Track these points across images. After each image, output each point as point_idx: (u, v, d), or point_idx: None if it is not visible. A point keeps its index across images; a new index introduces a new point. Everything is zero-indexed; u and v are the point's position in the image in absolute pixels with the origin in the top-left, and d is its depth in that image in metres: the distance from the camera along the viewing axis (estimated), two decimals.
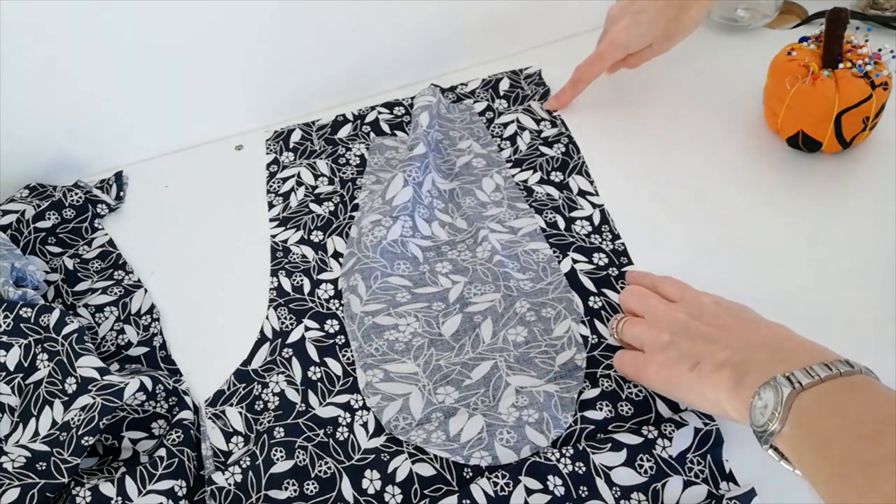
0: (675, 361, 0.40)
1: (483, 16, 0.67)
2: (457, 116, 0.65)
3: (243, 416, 0.49)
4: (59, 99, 0.61)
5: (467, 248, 0.55)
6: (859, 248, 0.52)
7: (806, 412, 0.32)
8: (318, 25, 0.64)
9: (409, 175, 0.57)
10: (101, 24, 0.58)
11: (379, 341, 0.50)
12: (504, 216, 0.56)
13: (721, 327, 0.40)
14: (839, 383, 0.32)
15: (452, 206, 0.58)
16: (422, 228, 0.56)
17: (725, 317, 0.40)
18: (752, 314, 0.41)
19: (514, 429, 0.44)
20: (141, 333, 0.54)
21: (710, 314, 0.41)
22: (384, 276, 0.53)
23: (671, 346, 0.41)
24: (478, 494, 0.42)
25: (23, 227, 0.59)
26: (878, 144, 0.58)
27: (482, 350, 0.49)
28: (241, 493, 0.44)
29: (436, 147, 0.62)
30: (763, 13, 0.69)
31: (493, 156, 0.61)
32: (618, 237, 0.55)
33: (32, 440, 0.45)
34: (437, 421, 0.46)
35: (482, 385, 0.47)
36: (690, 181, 0.58)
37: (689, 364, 0.39)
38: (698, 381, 0.38)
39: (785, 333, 0.38)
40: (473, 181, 0.59)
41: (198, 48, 0.62)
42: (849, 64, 0.54)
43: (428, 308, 0.52)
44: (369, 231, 0.55)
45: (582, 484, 0.42)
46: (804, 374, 0.32)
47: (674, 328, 0.41)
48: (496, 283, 0.52)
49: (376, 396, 0.48)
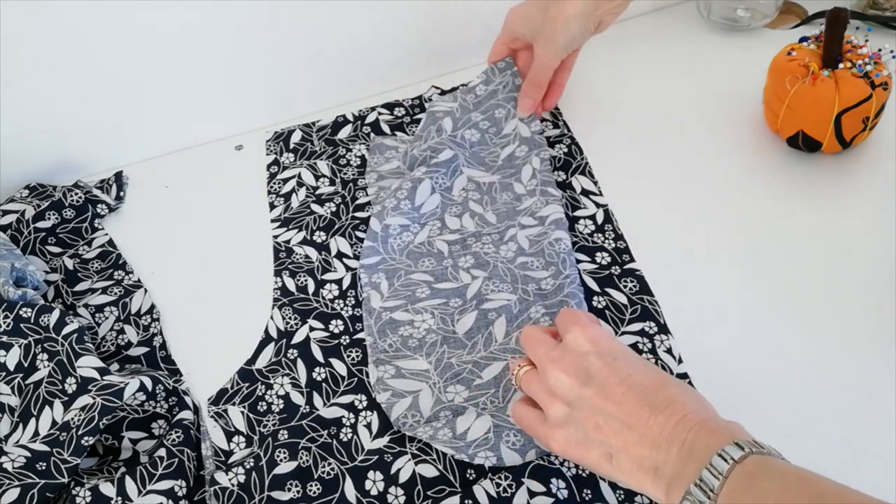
0: (583, 444, 0.39)
1: (483, 16, 0.67)
2: (498, 84, 0.62)
3: (245, 415, 0.48)
4: (59, 99, 0.61)
5: (492, 243, 0.55)
6: (859, 248, 0.52)
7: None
8: (319, 26, 0.64)
9: (436, 182, 0.57)
10: (102, 24, 0.58)
11: (393, 337, 0.50)
12: (536, 206, 0.56)
13: (618, 403, 0.39)
14: (740, 476, 0.33)
15: (488, 198, 0.58)
16: (450, 224, 0.57)
17: (615, 382, 0.39)
18: (637, 374, 0.40)
19: (520, 432, 0.44)
20: (141, 333, 0.54)
21: (600, 379, 0.40)
22: (408, 273, 0.54)
23: (571, 423, 0.40)
24: (480, 496, 0.42)
25: (23, 227, 0.59)
26: (878, 144, 0.58)
27: (494, 349, 0.49)
28: (244, 494, 0.44)
29: (480, 140, 0.61)
30: (763, 13, 0.69)
31: (537, 138, 0.60)
32: (620, 237, 0.55)
33: (32, 440, 0.45)
34: (445, 419, 0.46)
35: (492, 385, 0.47)
36: (691, 181, 0.58)
37: (602, 453, 0.39)
38: (619, 474, 0.38)
39: (676, 412, 0.37)
40: (513, 173, 0.59)
41: (198, 48, 0.62)
42: (849, 64, 0.54)
43: (445, 304, 0.52)
44: (398, 234, 0.55)
45: (585, 487, 0.42)
46: (710, 476, 0.34)
47: (568, 397, 0.40)
48: (514, 285, 0.52)
49: (387, 393, 0.47)
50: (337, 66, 0.67)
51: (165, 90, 0.64)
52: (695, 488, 0.34)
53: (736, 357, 0.48)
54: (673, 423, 0.37)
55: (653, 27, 0.71)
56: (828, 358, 0.47)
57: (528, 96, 0.60)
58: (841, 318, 0.49)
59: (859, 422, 0.44)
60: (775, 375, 0.47)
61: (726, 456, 0.34)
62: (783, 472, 0.33)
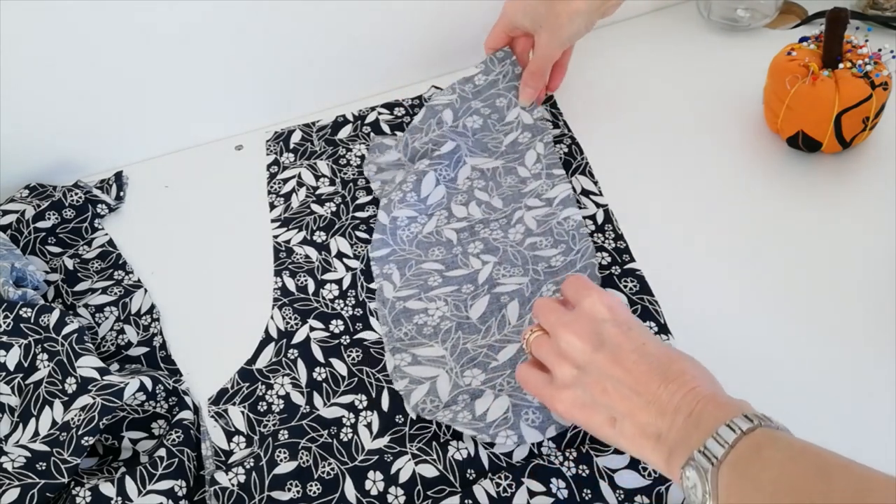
0: (589, 408, 0.40)
1: (483, 16, 0.67)
2: (498, 74, 0.62)
3: (245, 415, 0.48)
4: (58, 99, 0.61)
5: (500, 228, 0.55)
6: (859, 248, 0.52)
7: (731, 489, 0.33)
8: (319, 26, 0.64)
9: (440, 174, 0.58)
10: (102, 24, 0.58)
11: (408, 326, 0.51)
12: (542, 188, 0.57)
13: (628, 370, 0.39)
14: (747, 446, 0.33)
15: (493, 184, 0.59)
16: (457, 213, 0.57)
17: (628, 349, 0.40)
18: (651, 344, 0.40)
19: (538, 409, 0.44)
20: (141, 333, 0.54)
21: (613, 345, 0.40)
22: (418, 263, 0.54)
23: (578, 385, 0.40)
24: (480, 496, 0.42)
25: (23, 227, 0.59)
26: (878, 144, 0.58)
27: (508, 332, 0.49)
28: (244, 494, 0.44)
29: (483, 125, 0.61)
30: (763, 13, 0.69)
31: (539, 124, 0.60)
32: (620, 237, 0.55)
33: (32, 440, 0.45)
34: (464, 402, 0.46)
35: (508, 367, 0.47)
36: (691, 181, 0.58)
37: (606, 417, 0.39)
38: (622, 439, 0.39)
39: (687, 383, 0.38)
40: (517, 158, 0.59)
41: (198, 48, 0.62)
42: (849, 64, 0.54)
43: (458, 291, 0.52)
44: (406, 226, 0.56)
45: (585, 487, 0.42)
46: (715, 444, 0.34)
47: (578, 361, 0.40)
48: (525, 267, 0.52)
49: (404, 380, 0.48)
50: (337, 66, 0.67)
51: (165, 90, 0.64)
52: (698, 454, 0.34)
53: (736, 356, 0.48)
54: (682, 394, 0.37)
55: (653, 27, 0.71)
56: (828, 358, 0.47)
57: (530, 86, 0.60)
58: (841, 318, 0.49)
59: (859, 422, 0.44)
60: (775, 375, 0.47)
61: (734, 427, 0.34)
62: (790, 444, 0.33)
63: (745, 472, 0.33)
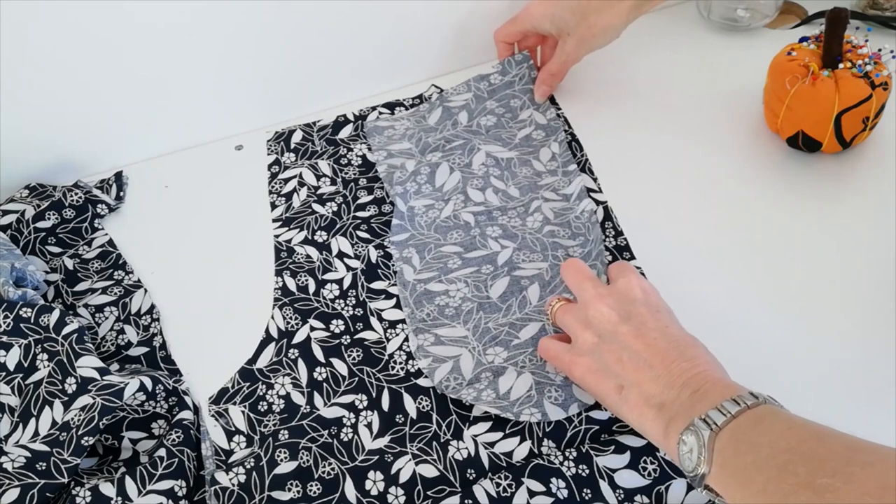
0: (600, 373, 0.42)
1: (483, 16, 0.67)
2: (514, 76, 0.65)
3: (246, 415, 0.48)
4: (58, 99, 0.61)
5: (518, 216, 0.56)
6: (859, 248, 0.52)
7: (726, 452, 0.34)
8: (319, 26, 0.64)
9: (453, 163, 0.59)
10: (102, 23, 0.58)
11: (430, 307, 0.52)
12: (558, 184, 0.58)
13: (647, 344, 0.41)
14: (748, 417, 0.35)
15: (508, 174, 0.59)
16: (474, 197, 0.58)
17: (652, 328, 0.42)
18: (674, 328, 0.42)
19: (561, 387, 0.45)
20: (141, 333, 0.54)
21: (638, 320, 0.42)
22: (437, 247, 0.55)
23: (596, 352, 0.42)
24: (480, 496, 0.42)
25: (23, 227, 0.58)
26: (878, 144, 0.58)
27: (529, 311, 0.50)
28: (245, 494, 0.44)
29: (496, 123, 0.63)
30: (763, 13, 0.69)
31: (552, 123, 0.62)
32: (620, 233, 0.55)
33: (32, 440, 0.45)
34: (487, 380, 0.47)
35: (530, 344, 0.48)
36: (691, 180, 0.58)
37: (615, 384, 0.41)
38: (624, 407, 0.40)
39: (699, 365, 0.39)
40: (531, 152, 0.61)
41: (198, 48, 0.62)
42: (849, 64, 0.54)
43: (477, 272, 0.53)
44: (423, 213, 0.57)
45: (585, 487, 0.42)
46: (717, 413, 0.35)
47: (601, 329, 0.43)
48: (544, 253, 0.53)
49: (427, 359, 0.49)
50: (337, 66, 0.67)
51: (165, 90, 0.64)
52: (699, 421, 0.35)
53: (736, 356, 0.48)
54: (694, 373, 0.38)
55: (653, 27, 0.71)
56: (828, 357, 0.47)
57: (546, 84, 0.63)
58: (841, 317, 0.49)
59: (859, 421, 0.44)
60: (775, 374, 0.47)
61: (740, 400, 0.35)
62: (790, 417, 0.34)
63: (744, 436, 0.34)
